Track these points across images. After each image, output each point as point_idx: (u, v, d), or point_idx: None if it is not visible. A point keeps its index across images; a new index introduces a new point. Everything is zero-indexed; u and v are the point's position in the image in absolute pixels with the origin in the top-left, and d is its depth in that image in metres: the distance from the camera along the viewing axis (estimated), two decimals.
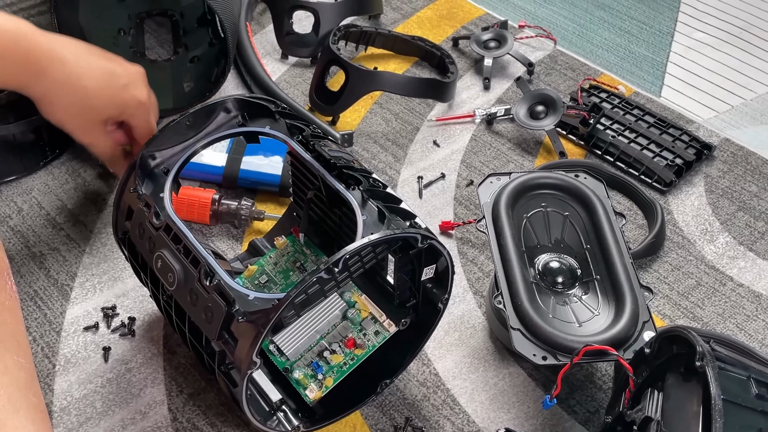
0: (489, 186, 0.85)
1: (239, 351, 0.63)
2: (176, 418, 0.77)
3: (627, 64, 1.32)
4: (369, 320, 0.78)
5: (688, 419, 0.59)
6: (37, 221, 0.95)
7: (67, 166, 1.02)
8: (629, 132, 1.11)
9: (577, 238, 0.84)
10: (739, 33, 1.43)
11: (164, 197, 0.71)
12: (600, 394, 0.82)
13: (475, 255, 0.96)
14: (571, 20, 1.43)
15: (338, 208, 0.78)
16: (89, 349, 0.82)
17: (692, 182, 1.08)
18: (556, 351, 0.73)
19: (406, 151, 1.09)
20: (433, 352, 0.85)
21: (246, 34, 1.20)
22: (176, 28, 1.14)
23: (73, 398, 0.78)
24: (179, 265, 0.67)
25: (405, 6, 1.39)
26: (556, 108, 1.10)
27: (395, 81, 1.10)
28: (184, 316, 0.70)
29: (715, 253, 0.98)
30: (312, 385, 0.74)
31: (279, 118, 0.77)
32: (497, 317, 0.84)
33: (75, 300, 0.86)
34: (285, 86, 1.19)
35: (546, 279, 0.81)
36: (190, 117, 0.75)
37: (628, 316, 0.75)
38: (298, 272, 0.82)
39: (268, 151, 1.00)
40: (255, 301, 0.63)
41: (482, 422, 0.79)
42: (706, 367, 0.58)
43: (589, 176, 0.87)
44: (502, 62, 1.27)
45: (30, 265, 0.90)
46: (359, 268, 0.68)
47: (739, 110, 1.25)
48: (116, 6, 1.12)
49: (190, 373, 0.81)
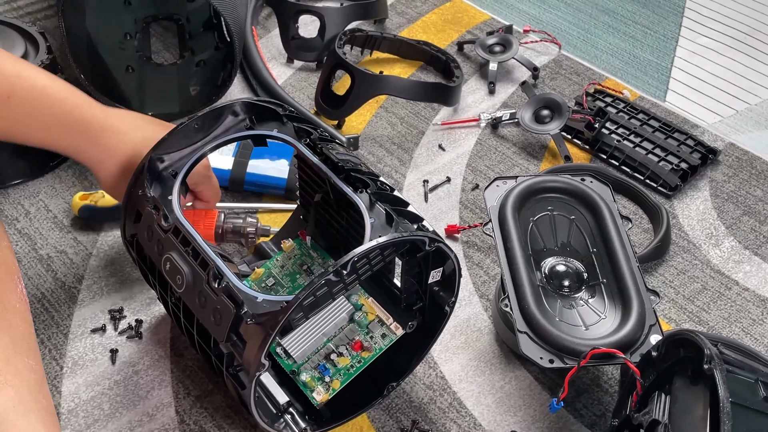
0: (495, 189, 0.86)
1: (248, 353, 0.63)
2: (183, 420, 0.77)
3: (632, 69, 1.33)
4: (376, 323, 0.78)
5: (695, 422, 0.59)
6: (45, 224, 0.95)
7: (74, 169, 1.02)
8: (634, 136, 1.12)
9: (583, 241, 0.84)
10: (743, 38, 1.44)
11: (173, 200, 0.72)
12: (606, 398, 0.82)
13: (481, 258, 0.96)
14: (576, 25, 1.43)
15: (345, 211, 0.78)
16: (97, 352, 0.82)
17: (697, 186, 1.08)
18: (562, 354, 0.73)
19: (412, 155, 1.10)
20: (440, 355, 0.85)
21: (252, 39, 1.21)
22: (182, 32, 1.14)
23: (80, 400, 0.78)
24: (188, 267, 0.67)
25: (410, 10, 1.39)
26: (561, 112, 1.10)
27: (400, 85, 1.11)
28: (192, 319, 0.70)
29: (721, 257, 0.98)
30: (319, 388, 0.74)
31: (287, 121, 0.77)
32: (504, 320, 0.84)
33: (82, 302, 0.87)
34: (291, 90, 1.19)
35: (552, 282, 0.81)
36: (198, 120, 0.76)
37: (635, 320, 0.75)
38: (305, 275, 0.82)
39: (275, 155, 1.00)
40: (263, 303, 0.63)
41: (489, 425, 0.79)
42: (714, 370, 0.58)
43: (595, 180, 0.87)
44: (507, 67, 1.27)
45: (37, 268, 0.90)
46: (367, 270, 0.68)
47: (744, 115, 1.25)
48: (123, 10, 1.12)
49: (197, 375, 0.81)
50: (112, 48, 1.13)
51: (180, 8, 1.14)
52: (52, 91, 0.72)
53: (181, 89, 1.15)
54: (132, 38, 1.13)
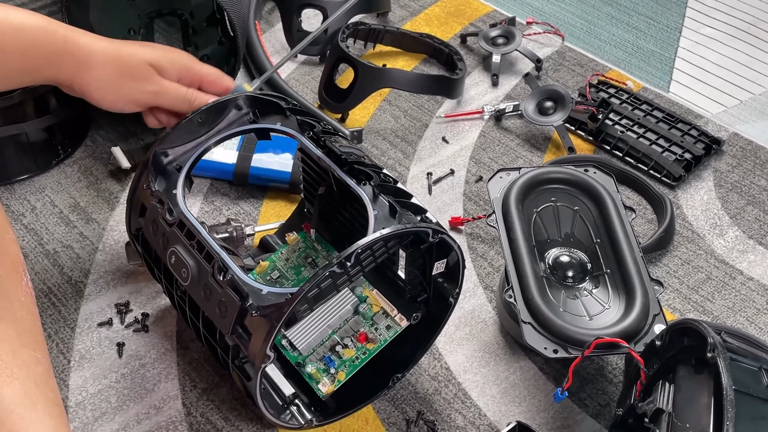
0: (499, 181, 0.86)
1: (253, 345, 0.64)
2: (190, 412, 0.77)
3: (635, 60, 1.32)
4: (380, 315, 0.78)
5: (699, 410, 0.60)
6: (51, 219, 0.95)
7: (80, 164, 1.03)
8: (638, 127, 1.11)
9: (587, 232, 0.84)
10: (747, 28, 1.43)
11: (177, 194, 0.72)
12: (611, 387, 0.82)
13: (485, 250, 0.96)
14: (579, 16, 1.43)
15: (349, 204, 0.79)
16: (103, 345, 0.83)
17: (701, 177, 1.08)
18: (567, 344, 0.73)
19: (416, 148, 1.10)
20: (444, 347, 0.85)
21: (255, 33, 1.21)
22: (186, 28, 1.14)
23: (88, 393, 0.79)
24: (193, 260, 0.67)
25: (413, 3, 1.39)
26: (565, 104, 1.10)
27: (404, 78, 1.11)
28: (197, 311, 0.70)
29: (725, 247, 0.98)
30: (324, 380, 0.75)
31: (290, 114, 0.78)
32: (508, 311, 0.85)
33: (89, 296, 0.87)
34: (294, 84, 1.19)
35: (556, 273, 0.81)
36: (201, 114, 0.76)
37: (639, 310, 0.75)
38: (309, 268, 0.82)
39: (279, 148, 1.00)
40: (268, 295, 0.64)
41: (494, 416, 0.79)
42: (718, 358, 0.58)
43: (598, 171, 0.87)
44: (510, 59, 1.27)
45: (44, 263, 0.90)
46: (371, 262, 0.68)
47: (747, 105, 1.25)
48: (126, 6, 1.12)
49: (203, 367, 0.81)
50: None
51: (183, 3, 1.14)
52: (25, 21, 0.71)
53: None
54: (136, 34, 1.13)
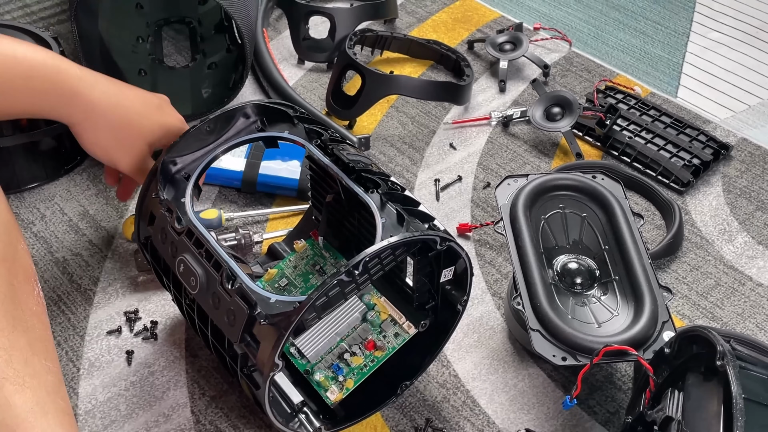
0: (506, 188, 0.86)
1: (261, 353, 0.64)
2: (199, 420, 0.78)
3: (643, 65, 1.32)
4: (388, 322, 0.78)
5: (709, 419, 0.59)
6: (60, 227, 0.96)
7: (89, 172, 1.03)
8: (646, 132, 1.11)
9: (595, 239, 0.84)
10: (755, 32, 1.43)
11: (186, 202, 0.72)
12: (620, 395, 0.82)
13: (493, 257, 0.96)
14: (586, 22, 1.43)
15: (357, 212, 0.79)
16: (113, 353, 0.83)
17: (710, 182, 1.08)
18: (575, 352, 0.73)
19: (423, 154, 1.10)
20: (453, 354, 0.85)
21: (263, 40, 1.21)
22: (194, 35, 1.15)
23: (97, 401, 0.79)
24: (201, 269, 0.67)
25: (420, 10, 1.40)
26: (572, 109, 1.10)
27: (411, 84, 1.11)
28: (206, 320, 0.70)
29: (734, 253, 0.98)
30: (333, 387, 0.75)
31: (298, 122, 0.78)
32: (516, 318, 0.84)
33: (98, 304, 0.88)
34: (302, 91, 1.19)
35: (564, 280, 0.81)
36: (210, 123, 0.76)
37: (648, 317, 0.75)
38: (317, 275, 0.82)
39: (287, 156, 1.00)
40: (276, 304, 0.64)
41: (502, 423, 0.79)
42: (727, 366, 0.58)
43: (606, 177, 0.87)
44: (518, 65, 1.27)
45: (53, 271, 0.91)
46: (379, 270, 0.69)
47: (756, 110, 1.24)
48: (135, 14, 1.13)
49: (212, 375, 0.81)
50: (125, 51, 1.14)
51: (191, 11, 1.15)
52: (25, 54, 0.73)
53: (194, 92, 1.15)
54: (144, 42, 1.14)
